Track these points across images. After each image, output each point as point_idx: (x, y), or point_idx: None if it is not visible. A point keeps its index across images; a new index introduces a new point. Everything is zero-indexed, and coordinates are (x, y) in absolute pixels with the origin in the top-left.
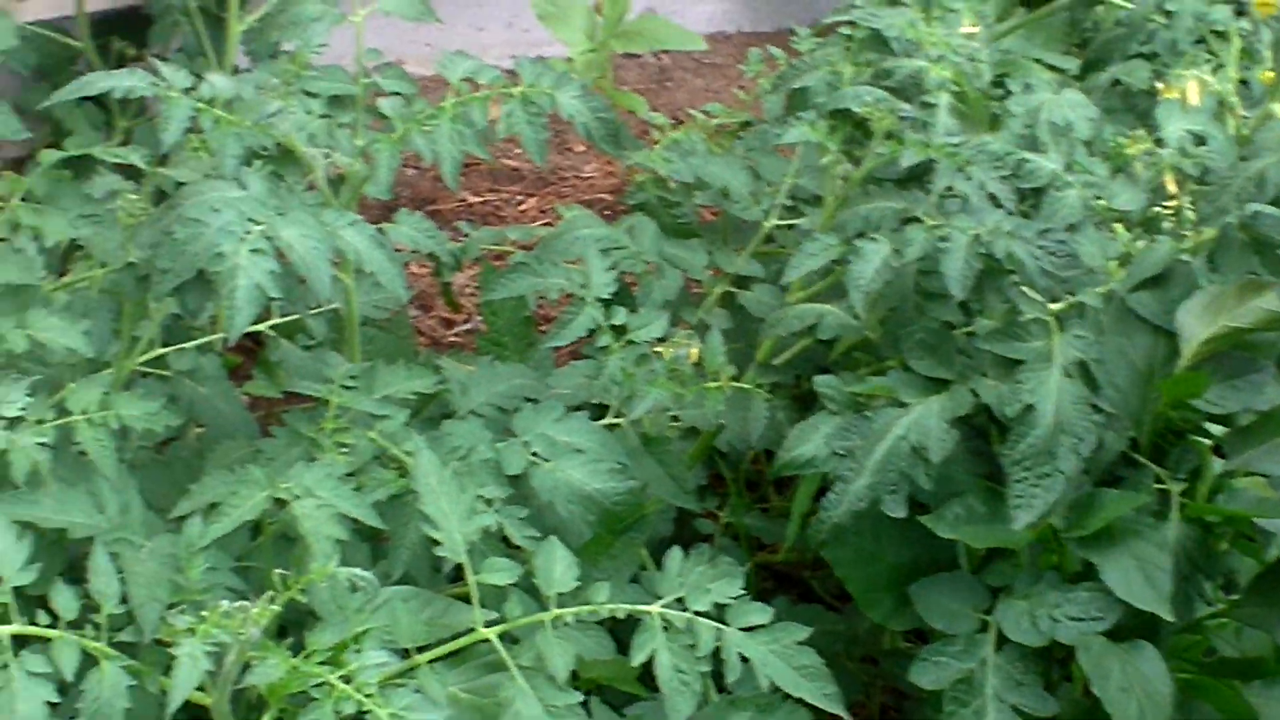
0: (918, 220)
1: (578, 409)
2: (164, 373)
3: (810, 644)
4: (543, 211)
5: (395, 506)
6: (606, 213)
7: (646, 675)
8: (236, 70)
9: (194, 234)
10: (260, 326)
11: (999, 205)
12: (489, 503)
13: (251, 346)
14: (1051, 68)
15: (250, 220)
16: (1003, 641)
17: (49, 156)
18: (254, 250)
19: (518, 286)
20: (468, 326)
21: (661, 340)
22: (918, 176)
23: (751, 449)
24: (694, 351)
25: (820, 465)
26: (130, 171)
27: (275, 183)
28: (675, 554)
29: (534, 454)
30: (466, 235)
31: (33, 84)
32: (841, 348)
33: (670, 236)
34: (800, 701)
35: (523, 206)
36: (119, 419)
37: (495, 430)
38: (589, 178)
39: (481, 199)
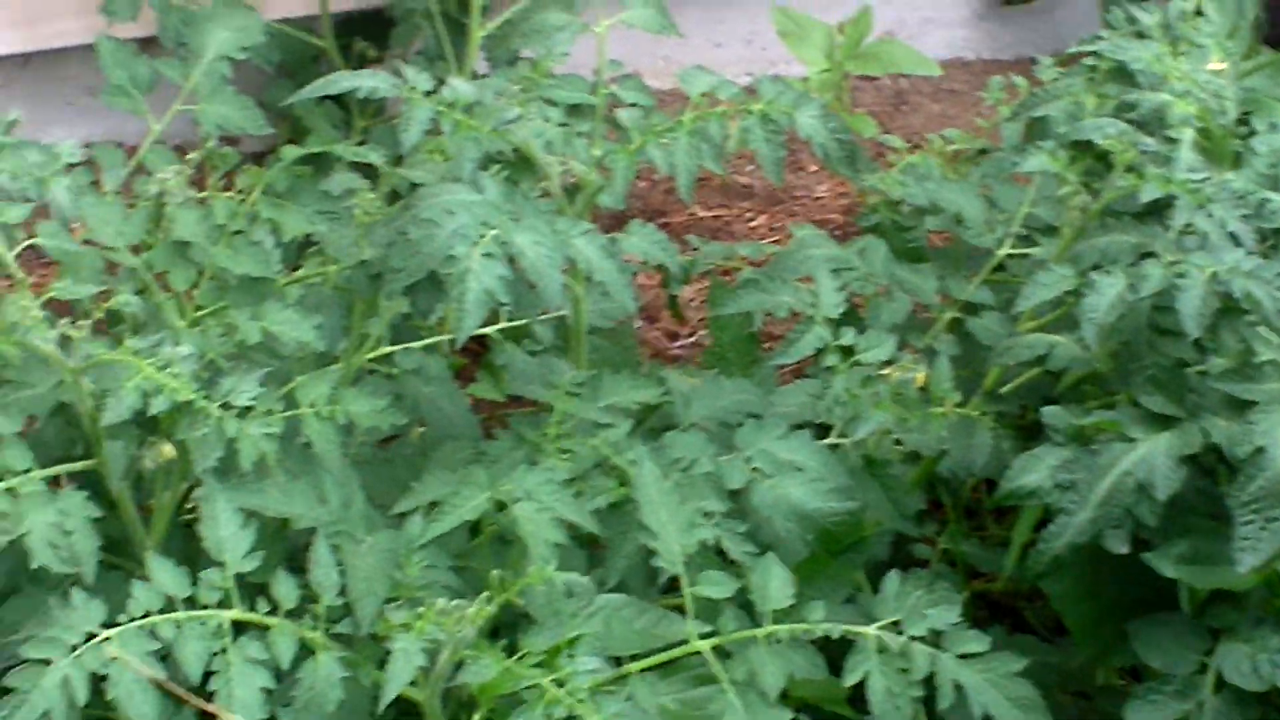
0: (1154, 256)
1: (800, 427)
2: (390, 370)
3: (1024, 675)
4: (772, 229)
5: (614, 515)
6: (837, 234)
7: (854, 697)
8: (475, 75)
9: (428, 235)
10: (487, 330)
11: (1238, 244)
12: (708, 516)
13: (476, 349)
14: None
15: (484, 224)
16: (1221, 684)
17: (290, 152)
18: (486, 255)
19: (746, 302)
20: (691, 340)
21: (888, 363)
22: (1156, 211)
23: (972, 477)
24: (921, 376)
25: (1043, 497)
26: (366, 171)
27: (510, 188)
28: (893, 577)
29: (755, 469)
30: (696, 249)
31: (275, 81)
32: (1069, 380)
33: (901, 260)
34: None
35: (753, 223)
36: (346, 414)
37: (716, 445)
38: (820, 198)
39: (712, 214)
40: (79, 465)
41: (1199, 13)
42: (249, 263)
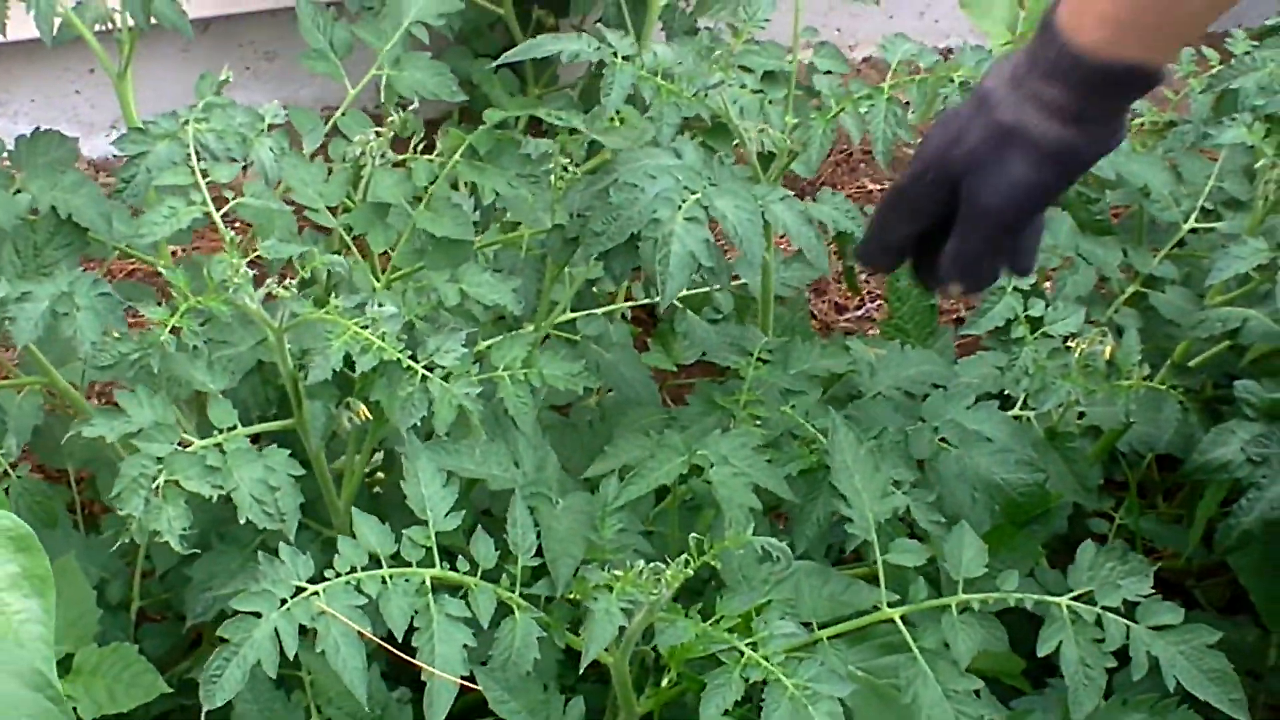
0: None
1: (982, 399)
2: (572, 336)
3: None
4: None
5: (803, 481)
6: None
7: (1030, 670)
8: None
9: (629, 199)
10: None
11: None
12: (897, 484)
13: (646, 320)
14: None
15: (686, 189)
16: None
17: (493, 115)
18: (689, 219)
19: None
20: (859, 313)
21: (1073, 335)
22: None
23: (1153, 452)
24: (1109, 349)
25: (1234, 471)
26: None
27: (708, 154)
28: (1089, 547)
29: (941, 440)
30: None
31: (451, 47)
32: (1254, 354)
33: (1085, 233)
34: (1194, 707)
35: None
36: (540, 377)
37: (902, 414)
38: None
39: (880, 187)
40: (279, 424)
41: None
42: (449, 225)
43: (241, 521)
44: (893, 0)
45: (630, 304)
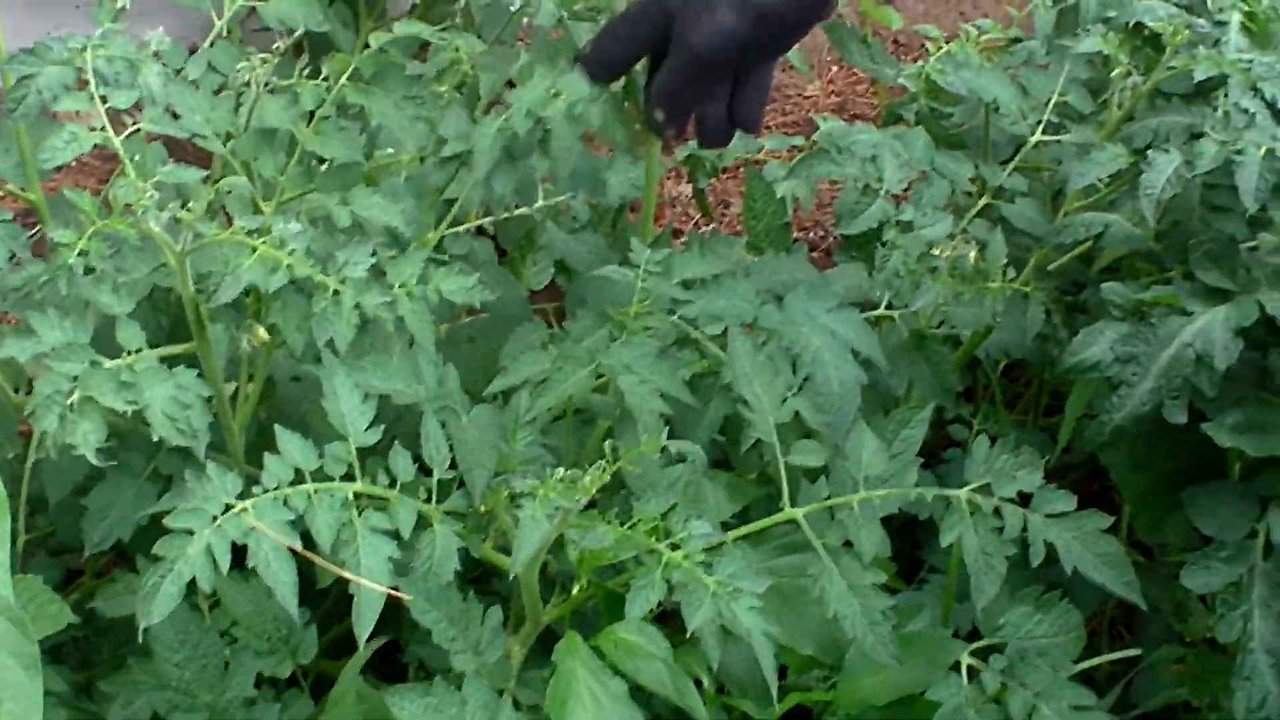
0: (1205, 135)
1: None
2: (440, 256)
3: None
4: (768, 128)
5: (698, 387)
6: None
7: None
8: None
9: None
10: (525, 210)
11: None
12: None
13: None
14: None
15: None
16: (1270, 549)
17: (379, 38)
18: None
19: (818, 171)
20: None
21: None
22: (1204, 93)
23: (1008, 358)
24: (973, 254)
25: (1104, 370)
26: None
27: None
28: (982, 441)
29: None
30: None
31: None
32: (1105, 259)
33: (939, 147)
34: (1073, 602)
35: None
36: (439, 292)
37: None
38: (811, 95)
39: None
40: (182, 348)
41: None
42: (338, 147)
43: (155, 439)
44: None
45: (490, 219)
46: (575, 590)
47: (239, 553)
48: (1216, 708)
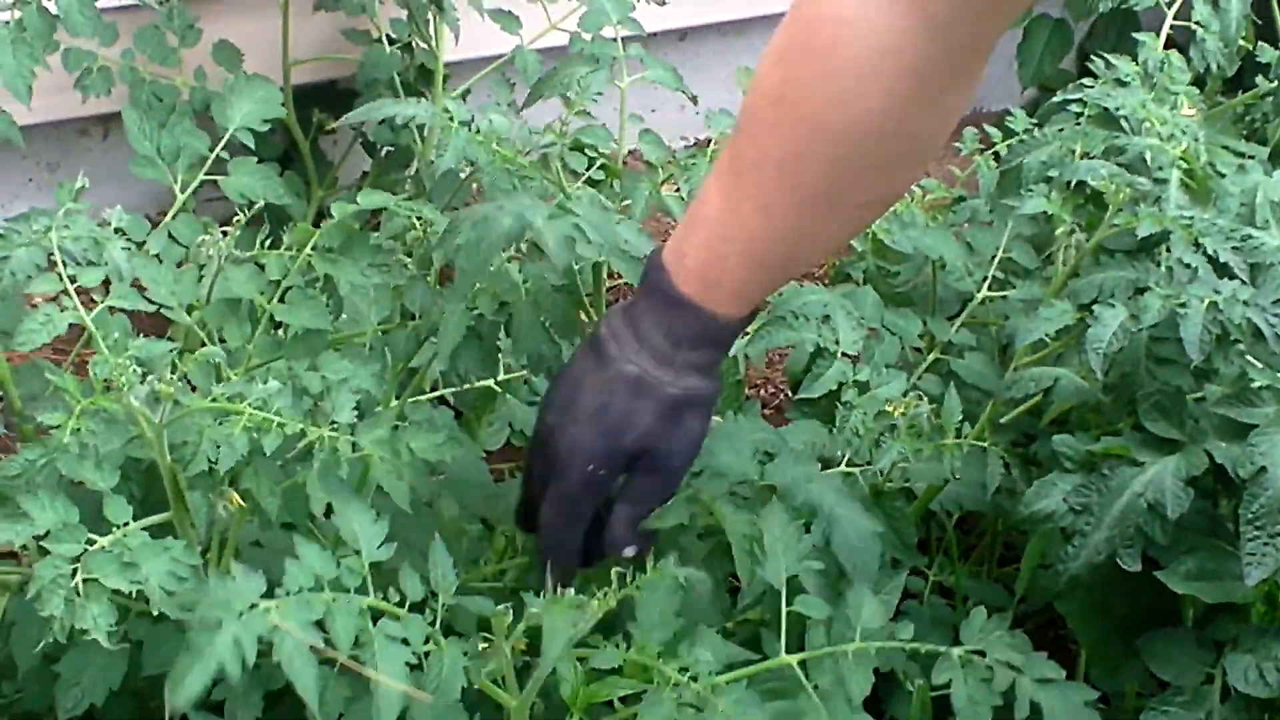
0: (1149, 289)
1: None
2: (399, 423)
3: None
4: None
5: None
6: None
7: None
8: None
9: (486, 230)
10: (487, 382)
11: (1232, 276)
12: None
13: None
14: (1239, 154)
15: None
16: (1227, 693)
17: (341, 208)
18: (551, 217)
19: (775, 339)
20: None
21: (897, 398)
22: (1147, 249)
23: (962, 509)
24: (929, 412)
25: (1058, 520)
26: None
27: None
28: (980, 612)
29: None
30: None
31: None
32: (1055, 412)
33: (888, 305)
34: None
35: None
36: (410, 450)
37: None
38: None
39: None
40: (162, 517)
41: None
42: (306, 316)
43: (154, 614)
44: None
45: (451, 390)
46: None
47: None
48: None
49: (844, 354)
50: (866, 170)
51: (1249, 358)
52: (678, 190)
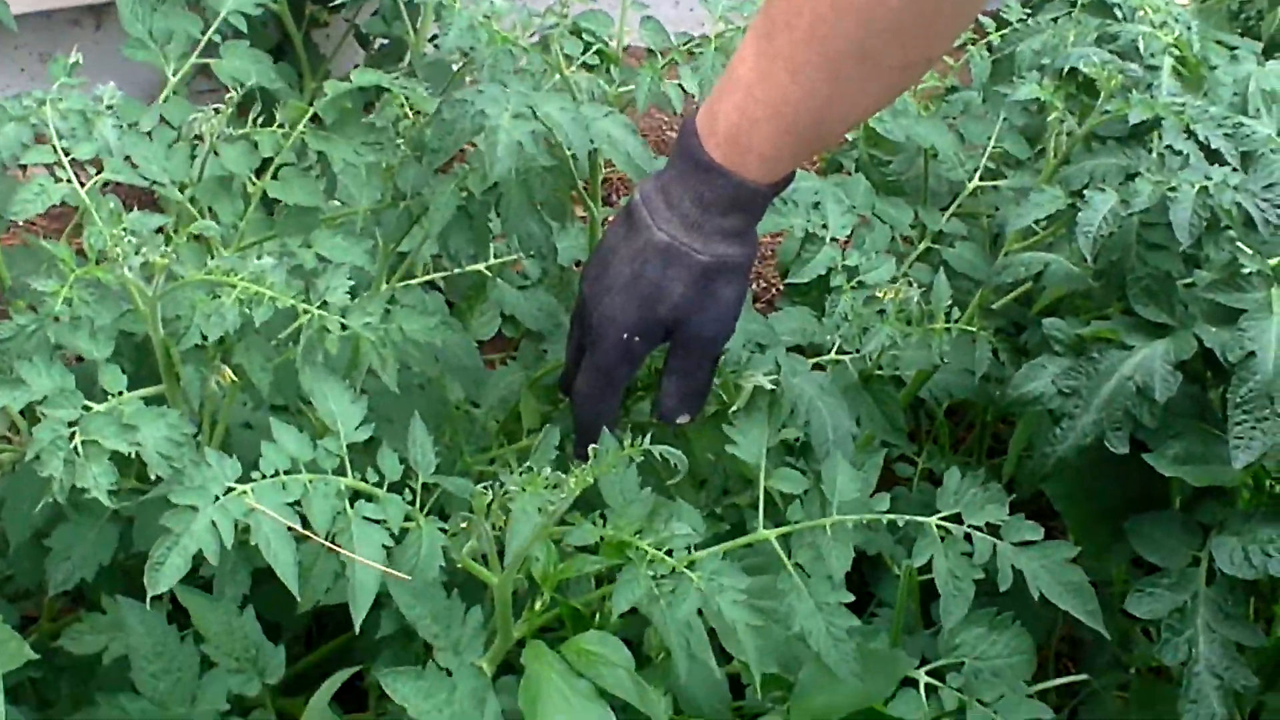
0: (1140, 175)
1: (797, 349)
2: (391, 306)
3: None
4: None
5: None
6: None
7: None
8: (432, 38)
9: (461, 112)
10: (478, 267)
11: (1223, 162)
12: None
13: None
14: (1232, 47)
15: (514, 97)
16: (1212, 577)
17: (335, 86)
18: (516, 115)
19: (764, 225)
20: None
21: (887, 283)
22: (1138, 135)
23: (952, 398)
24: (918, 297)
25: (1047, 403)
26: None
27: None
28: (954, 472)
29: None
30: None
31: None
32: (1046, 300)
33: (879, 193)
34: (1028, 625)
35: None
36: (400, 332)
37: None
38: None
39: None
40: (154, 390)
41: None
42: (299, 193)
43: (152, 477)
44: None
45: (441, 274)
46: (538, 605)
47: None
48: None
49: (833, 239)
50: (897, 31)
51: (1239, 244)
52: (678, 82)
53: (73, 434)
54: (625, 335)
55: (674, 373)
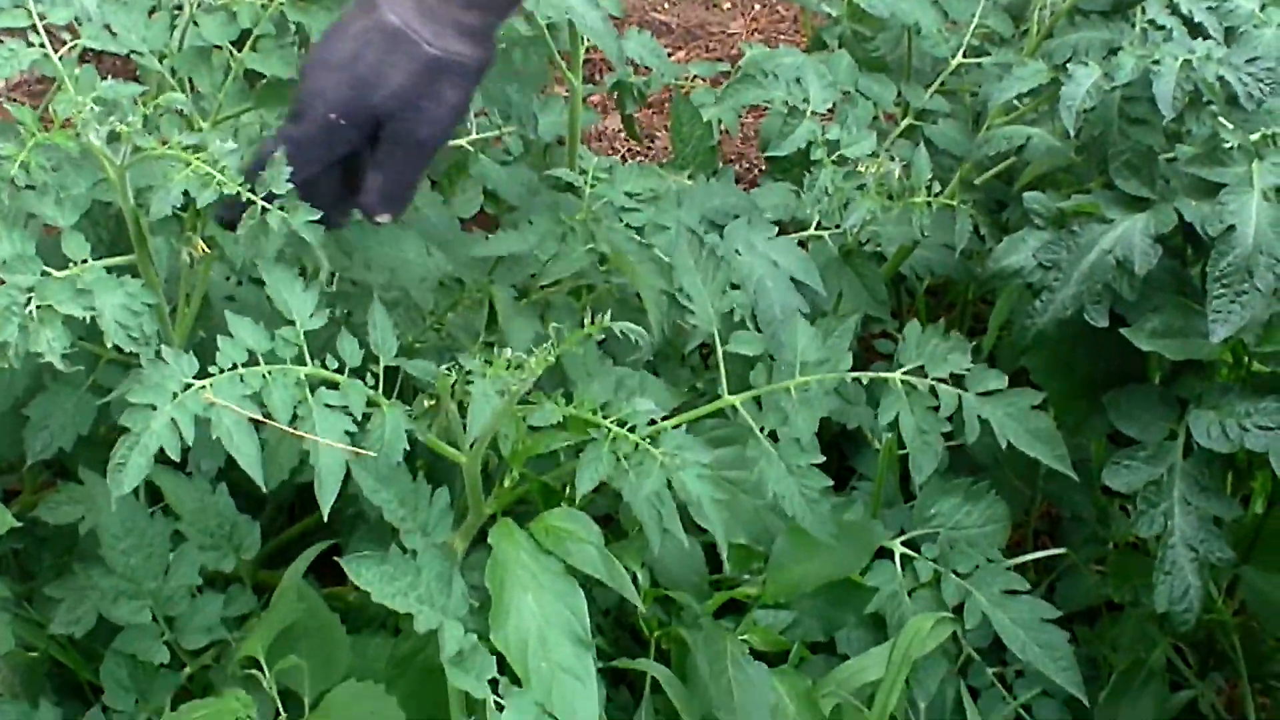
0: (1123, 50)
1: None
2: None
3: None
4: (687, 62)
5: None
6: None
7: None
8: None
9: None
10: (459, 141)
11: (1206, 37)
12: (735, 287)
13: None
14: None
15: None
16: (1189, 450)
17: None
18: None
19: (745, 97)
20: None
21: (867, 159)
22: (1121, 10)
23: (933, 275)
24: (899, 171)
25: (1027, 276)
26: None
27: None
28: (914, 325)
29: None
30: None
31: None
32: (1028, 177)
33: (862, 69)
34: (1002, 494)
35: (673, 58)
36: None
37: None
38: (734, 33)
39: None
40: (124, 259)
41: None
42: (277, 64)
43: (108, 346)
44: None
45: None
46: (507, 482)
47: (181, 456)
48: (1137, 604)
49: (814, 113)
50: None
51: (1220, 118)
52: None
53: (29, 300)
54: (331, 115)
55: (380, 168)
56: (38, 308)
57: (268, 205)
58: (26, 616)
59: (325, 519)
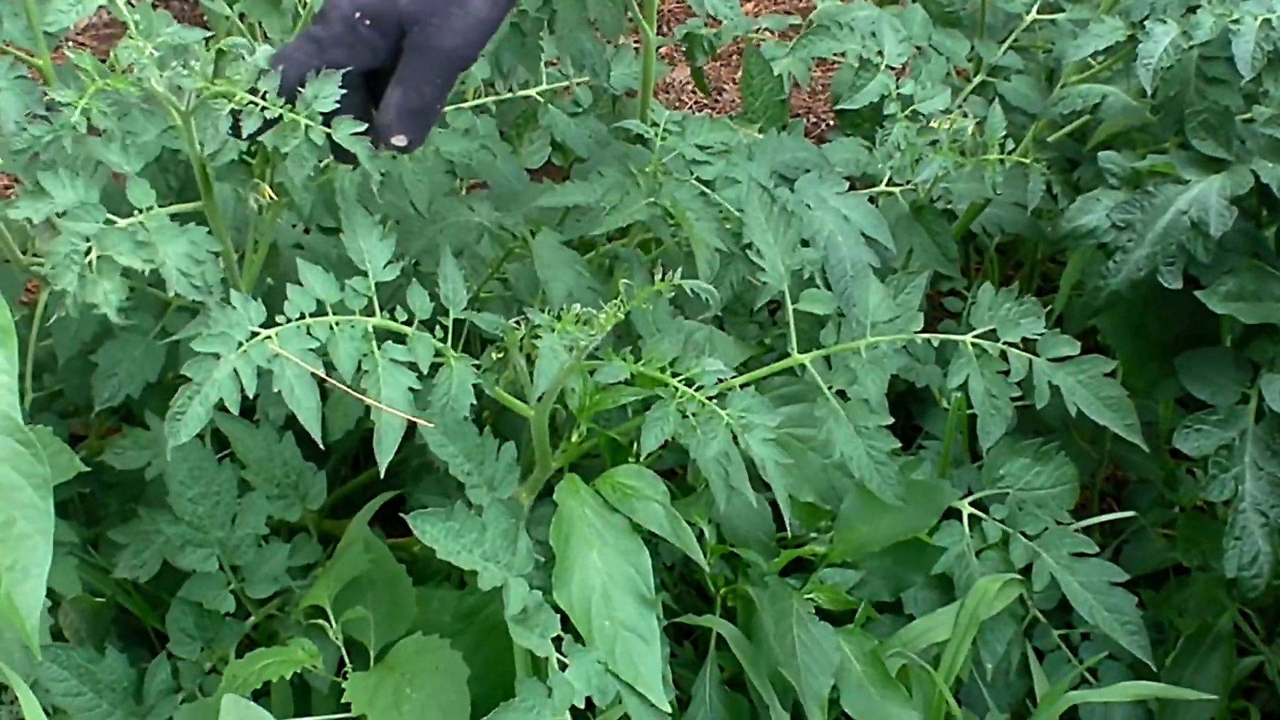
0: (1200, 8)
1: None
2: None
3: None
4: (756, 15)
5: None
6: None
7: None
8: None
9: None
10: (529, 92)
11: None
12: (805, 244)
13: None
14: None
15: None
16: (1260, 414)
17: None
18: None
19: (818, 49)
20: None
21: (941, 114)
22: None
23: (1004, 233)
24: (973, 127)
25: (1100, 236)
26: None
27: None
28: (987, 288)
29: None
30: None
31: None
32: (1102, 135)
33: (936, 24)
34: (1069, 456)
35: (743, 11)
36: (438, 153)
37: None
38: None
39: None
40: (191, 206)
41: None
42: None
43: (170, 295)
44: None
45: (493, 98)
46: (574, 437)
47: (249, 404)
48: (1205, 568)
49: (888, 67)
50: None
51: None
52: None
53: (89, 249)
54: (355, 12)
55: (401, 82)
56: (97, 258)
57: (310, 122)
58: (93, 562)
59: (382, 476)
